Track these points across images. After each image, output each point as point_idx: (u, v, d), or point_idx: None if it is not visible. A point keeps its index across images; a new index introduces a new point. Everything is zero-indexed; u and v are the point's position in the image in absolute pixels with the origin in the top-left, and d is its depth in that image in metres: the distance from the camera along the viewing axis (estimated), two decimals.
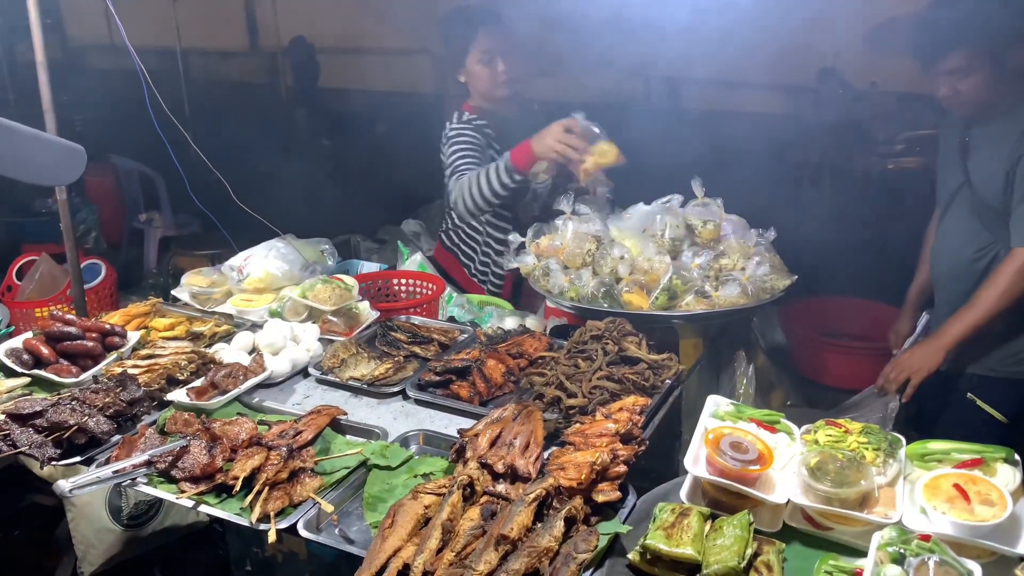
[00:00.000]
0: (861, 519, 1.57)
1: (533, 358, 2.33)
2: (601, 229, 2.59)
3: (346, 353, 2.33)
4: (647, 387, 2.10)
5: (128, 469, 1.83)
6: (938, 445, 1.71)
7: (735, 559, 1.47)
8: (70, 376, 2.22)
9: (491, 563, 1.49)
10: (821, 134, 5.69)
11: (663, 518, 1.59)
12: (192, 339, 2.48)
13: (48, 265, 3.41)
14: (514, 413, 1.93)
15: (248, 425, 1.97)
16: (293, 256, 2.80)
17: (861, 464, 1.65)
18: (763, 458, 1.70)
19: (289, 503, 1.76)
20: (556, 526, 1.56)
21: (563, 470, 1.72)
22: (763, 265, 2.41)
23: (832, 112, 5.61)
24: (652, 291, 2.38)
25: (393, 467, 1.88)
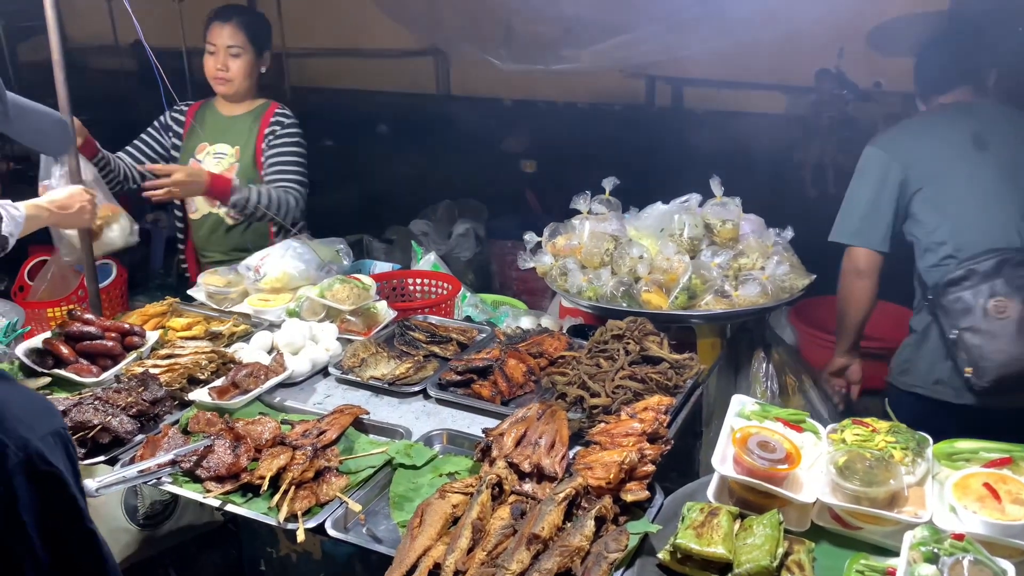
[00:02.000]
0: (891, 518, 1.57)
1: (553, 358, 2.33)
2: (618, 228, 2.59)
3: (366, 352, 2.33)
4: (670, 387, 2.10)
5: (153, 469, 1.83)
6: (966, 444, 1.72)
7: (767, 558, 1.48)
8: (90, 376, 2.22)
9: (523, 562, 1.49)
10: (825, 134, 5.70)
11: (692, 517, 1.59)
12: (211, 339, 2.47)
13: (59, 265, 3.39)
14: (538, 412, 1.93)
15: (271, 424, 1.96)
16: (309, 256, 2.80)
17: (890, 463, 1.66)
18: (791, 457, 1.70)
19: (316, 503, 1.76)
20: (587, 525, 1.57)
21: (591, 469, 1.72)
22: (782, 264, 2.42)
23: (836, 112, 5.63)
24: (671, 291, 2.39)
25: (418, 466, 1.88)
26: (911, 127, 2.65)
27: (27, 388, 1.26)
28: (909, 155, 2.49)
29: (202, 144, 3.18)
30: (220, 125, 3.21)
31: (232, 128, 3.20)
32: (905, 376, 2.58)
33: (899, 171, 2.48)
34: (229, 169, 3.13)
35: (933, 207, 2.46)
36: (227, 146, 3.18)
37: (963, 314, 2.33)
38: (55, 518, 1.14)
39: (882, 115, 5.64)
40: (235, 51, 3.08)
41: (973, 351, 2.31)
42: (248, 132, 3.19)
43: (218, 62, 3.09)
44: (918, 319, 2.58)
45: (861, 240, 2.54)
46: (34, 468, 1.10)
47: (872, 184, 2.52)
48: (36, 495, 1.11)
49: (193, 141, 3.21)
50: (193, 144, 3.21)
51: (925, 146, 2.51)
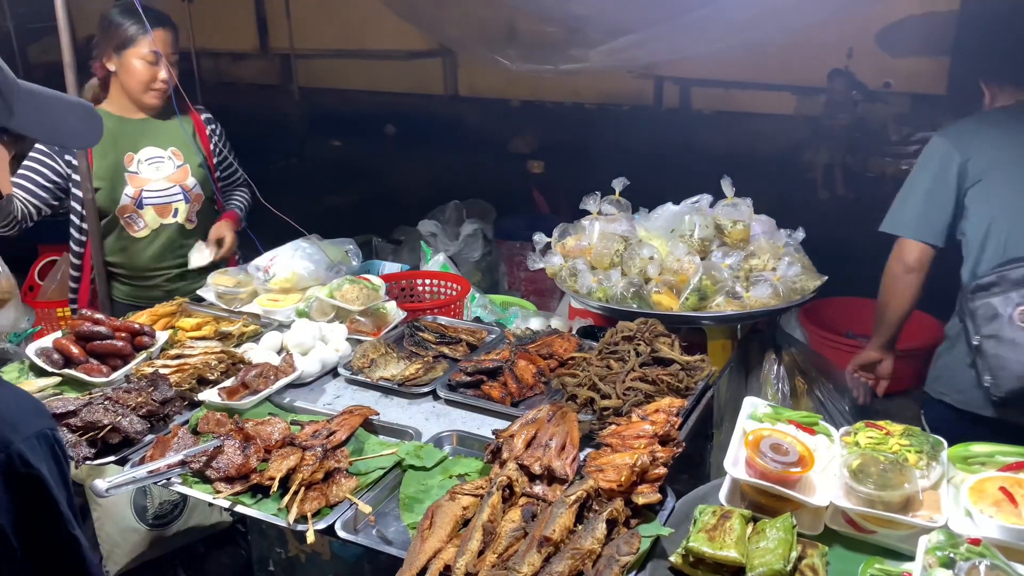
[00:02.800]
0: (906, 522, 1.56)
1: (563, 359, 2.32)
2: (628, 229, 2.58)
3: (375, 353, 2.32)
4: (681, 388, 2.09)
5: (163, 469, 1.82)
6: (981, 448, 1.70)
7: (780, 562, 1.46)
8: (100, 376, 2.22)
9: (535, 565, 1.48)
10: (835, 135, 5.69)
11: (704, 520, 1.58)
12: (220, 339, 2.47)
13: (69, 265, 3.41)
14: (548, 414, 1.92)
15: (281, 425, 1.96)
16: (319, 256, 2.79)
17: (904, 467, 1.64)
18: (804, 460, 1.69)
19: (326, 504, 1.75)
20: (598, 528, 1.56)
21: (602, 472, 1.71)
22: (794, 265, 2.40)
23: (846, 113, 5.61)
24: (682, 292, 2.38)
25: (428, 468, 1.87)
26: (981, 119, 2.49)
27: (16, 387, 1.23)
28: (970, 145, 2.36)
29: (128, 154, 2.90)
30: (134, 129, 2.93)
31: (150, 130, 2.95)
32: (936, 384, 2.50)
33: (959, 160, 2.36)
34: (180, 172, 2.96)
35: (985, 202, 2.35)
36: (157, 149, 2.94)
37: (988, 320, 2.24)
38: (35, 522, 1.11)
39: (891, 115, 5.62)
40: (174, 57, 2.88)
41: (992, 359, 2.23)
42: (179, 132, 2.99)
43: (162, 71, 2.83)
44: (951, 324, 2.49)
45: (915, 232, 2.42)
46: (13, 470, 1.07)
47: (931, 173, 2.40)
48: (15, 498, 1.08)
49: (116, 153, 2.90)
50: (118, 157, 2.90)
51: (989, 138, 2.38)
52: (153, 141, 2.95)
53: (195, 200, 3.01)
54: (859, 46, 5.30)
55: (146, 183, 2.92)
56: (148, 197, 2.93)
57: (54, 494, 1.12)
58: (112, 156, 2.89)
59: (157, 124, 2.97)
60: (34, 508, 1.11)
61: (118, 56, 2.83)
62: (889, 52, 5.26)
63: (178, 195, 2.97)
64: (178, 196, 2.97)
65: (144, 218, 2.95)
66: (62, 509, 1.14)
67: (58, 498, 1.13)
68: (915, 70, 5.32)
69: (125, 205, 2.92)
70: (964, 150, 2.36)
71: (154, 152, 2.94)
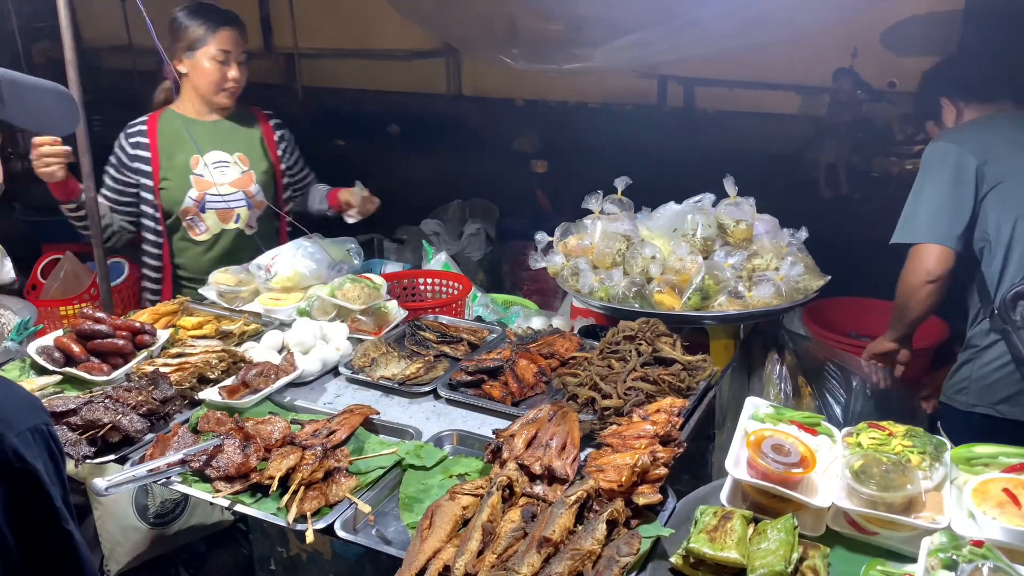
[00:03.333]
0: (908, 524, 1.55)
1: (565, 358, 2.31)
2: (630, 228, 2.57)
3: (376, 352, 2.32)
4: (683, 388, 2.08)
5: (163, 468, 1.82)
6: (985, 449, 1.69)
7: (781, 563, 1.45)
8: (101, 374, 2.22)
9: (534, 566, 1.47)
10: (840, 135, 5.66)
11: (705, 521, 1.57)
12: (221, 338, 2.47)
13: (72, 264, 3.42)
14: (549, 414, 1.91)
15: (281, 424, 1.96)
16: (320, 255, 2.79)
17: (907, 468, 1.63)
18: (806, 461, 1.68)
19: (325, 503, 1.75)
20: (598, 529, 1.55)
21: (602, 472, 1.70)
22: (797, 265, 2.39)
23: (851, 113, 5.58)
24: (684, 291, 2.37)
25: (428, 467, 1.86)
26: (979, 125, 2.50)
27: (11, 383, 1.22)
28: (984, 149, 2.35)
29: (195, 157, 2.95)
30: (203, 132, 2.97)
31: (219, 134, 2.99)
32: (963, 395, 2.45)
33: (975, 163, 2.34)
34: (245, 178, 2.99)
35: (1001, 210, 2.33)
36: (223, 153, 2.98)
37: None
38: (29, 517, 1.11)
39: (897, 115, 5.60)
40: (244, 58, 2.92)
41: None
42: (247, 138, 3.03)
43: (232, 70, 2.88)
44: (977, 332, 2.44)
45: (934, 236, 2.37)
46: (8, 465, 1.07)
47: (946, 178, 2.37)
48: (8, 493, 1.08)
49: (184, 155, 2.94)
50: (184, 159, 2.95)
51: (998, 143, 2.37)
52: (220, 145, 2.98)
53: (257, 206, 3.05)
54: (864, 45, 5.27)
55: (210, 187, 2.95)
56: (211, 201, 2.97)
57: (48, 489, 1.12)
58: (179, 157, 2.94)
59: (226, 128, 3.01)
60: (28, 503, 1.10)
61: (188, 57, 2.87)
62: (894, 51, 5.23)
63: (241, 201, 3.01)
64: (241, 202, 3.01)
65: (205, 222, 3.00)
66: (56, 504, 1.13)
67: (52, 493, 1.13)
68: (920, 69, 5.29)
69: (188, 207, 2.97)
70: (978, 154, 2.34)
71: (220, 156, 2.98)
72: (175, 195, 2.95)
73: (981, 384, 2.40)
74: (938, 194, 2.38)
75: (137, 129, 2.99)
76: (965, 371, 2.46)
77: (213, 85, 2.90)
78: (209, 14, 2.85)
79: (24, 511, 1.10)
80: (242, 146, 3.02)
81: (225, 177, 2.97)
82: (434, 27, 4.94)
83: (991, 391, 2.38)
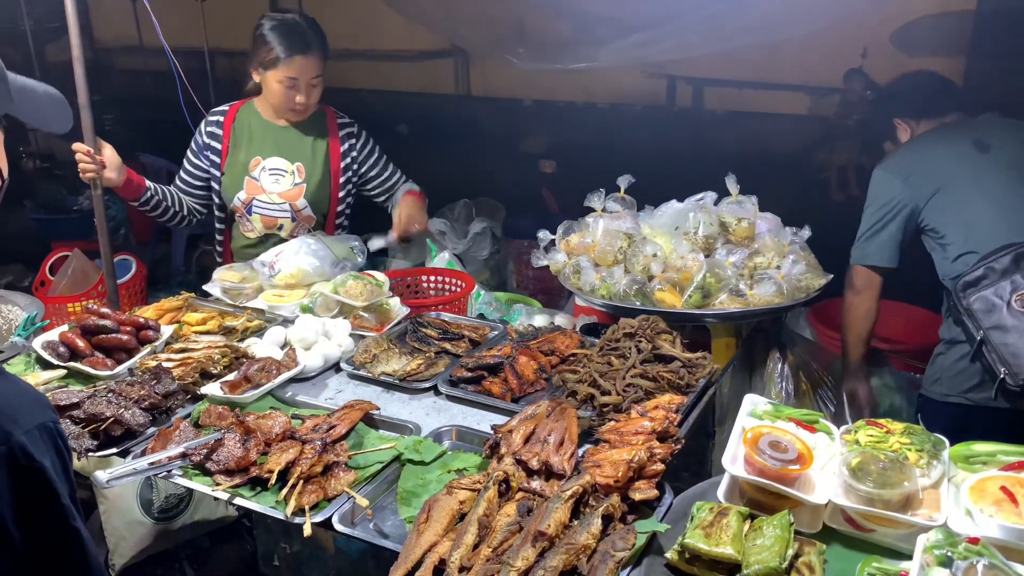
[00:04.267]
0: (905, 521, 1.54)
1: (565, 355, 2.32)
2: (632, 226, 2.57)
3: (378, 348, 2.33)
4: (682, 385, 2.08)
5: (164, 461, 1.84)
6: (983, 447, 1.68)
7: (776, 559, 1.45)
8: (105, 369, 2.24)
9: (528, 560, 1.48)
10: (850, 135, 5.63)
11: (701, 517, 1.57)
12: (224, 334, 2.49)
13: (80, 261, 3.44)
14: (548, 410, 1.92)
15: (282, 419, 1.97)
16: (324, 253, 2.80)
17: (904, 465, 1.62)
18: (803, 458, 1.68)
19: (324, 497, 1.76)
20: (594, 523, 1.55)
21: (599, 467, 1.70)
22: (799, 264, 2.38)
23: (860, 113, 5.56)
24: (685, 289, 2.36)
25: (427, 462, 1.87)
26: (913, 147, 2.68)
27: (18, 380, 1.23)
28: (912, 170, 2.53)
29: (256, 158, 2.99)
30: (271, 135, 3.01)
31: (286, 140, 3.01)
32: (937, 386, 2.54)
33: (899, 184, 2.53)
34: (295, 190, 2.99)
35: (945, 215, 2.48)
36: (284, 161, 2.99)
37: (987, 313, 2.30)
38: (36, 514, 1.11)
39: None
40: (316, 80, 2.90)
41: (1003, 349, 2.27)
42: (311, 149, 3.01)
43: (299, 95, 2.87)
44: (945, 327, 2.55)
45: (866, 259, 2.61)
46: (15, 462, 1.08)
47: (875, 203, 2.58)
48: (16, 490, 1.08)
49: (247, 153, 3.00)
50: (246, 158, 3.00)
51: (929, 160, 2.55)
52: (284, 152, 3.00)
53: (303, 220, 3.05)
54: (874, 46, 5.24)
55: (259, 192, 3.00)
56: (257, 206, 3.02)
57: (55, 486, 1.12)
58: (243, 156, 3.00)
59: (294, 135, 3.02)
60: (35, 500, 1.11)
61: (262, 72, 2.91)
62: (905, 52, 5.21)
63: (286, 212, 3.03)
64: (286, 213, 3.03)
65: (252, 223, 3.05)
66: (63, 502, 1.14)
67: (59, 490, 1.13)
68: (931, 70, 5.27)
69: (236, 206, 3.04)
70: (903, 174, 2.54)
71: (280, 163, 3.00)
72: (229, 191, 3.03)
73: (952, 374, 2.49)
74: (869, 219, 2.60)
75: (216, 119, 3.05)
76: (939, 362, 2.56)
77: (280, 106, 2.94)
78: (288, 36, 2.82)
79: (31, 508, 1.11)
80: (304, 156, 3.01)
81: (277, 187, 3.00)
82: (440, 28, 4.96)
83: (961, 380, 2.46)
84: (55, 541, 1.15)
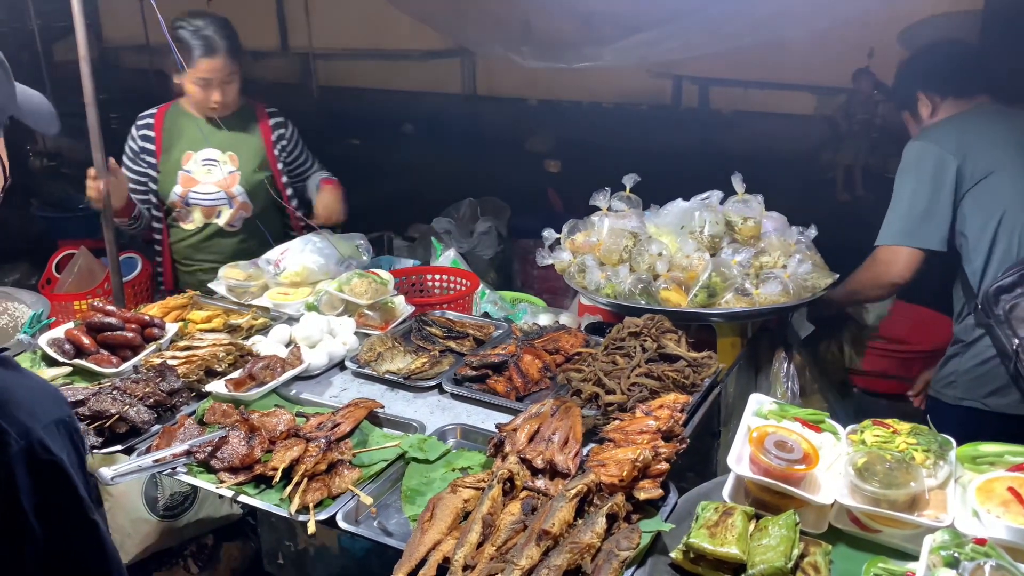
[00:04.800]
0: (911, 522, 1.53)
1: (570, 354, 2.31)
2: (638, 225, 2.56)
3: (382, 347, 2.33)
4: (687, 385, 2.07)
5: (168, 458, 1.84)
6: (990, 447, 1.67)
7: (781, 559, 1.45)
8: (110, 366, 2.24)
9: (532, 558, 1.47)
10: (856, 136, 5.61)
11: (706, 517, 1.57)
12: (229, 331, 2.49)
13: (86, 259, 3.46)
14: (552, 408, 1.91)
15: (286, 417, 1.97)
16: (329, 251, 2.80)
17: (911, 465, 1.61)
18: (808, 458, 1.67)
19: (328, 495, 1.76)
20: (598, 522, 1.55)
21: (604, 466, 1.70)
22: (805, 263, 2.37)
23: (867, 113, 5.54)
24: (691, 288, 2.36)
25: (431, 460, 1.87)
26: (958, 121, 2.48)
27: (34, 375, 1.25)
28: (963, 147, 2.35)
29: (187, 153, 3.08)
30: (201, 131, 3.08)
31: (215, 134, 3.07)
32: (951, 389, 2.47)
33: (955, 163, 2.34)
34: (229, 179, 3.07)
35: (983, 206, 2.33)
36: (216, 151, 3.07)
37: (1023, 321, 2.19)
38: (56, 507, 1.13)
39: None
40: (229, 78, 2.96)
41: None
42: (243, 140, 3.10)
43: (215, 93, 2.95)
44: (963, 328, 2.46)
45: (910, 240, 2.39)
46: (35, 457, 1.09)
47: (926, 179, 2.37)
48: (37, 484, 1.10)
49: (179, 150, 3.08)
50: (178, 154, 3.08)
51: (976, 140, 2.37)
52: (215, 144, 3.08)
53: (239, 208, 3.12)
54: (880, 46, 5.23)
55: (195, 184, 3.07)
56: (194, 197, 3.09)
57: (73, 480, 1.14)
58: (175, 152, 3.07)
59: (225, 129, 3.08)
60: (55, 493, 1.12)
61: (179, 75, 2.97)
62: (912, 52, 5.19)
63: (223, 200, 3.10)
64: (223, 201, 3.10)
65: (192, 215, 3.12)
66: (81, 494, 1.15)
67: (77, 484, 1.15)
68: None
69: (174, 201, 3.11)
70: (958, 153, 2.35)
71: (212, 154, 3.08)
72: (165, 188, 3.10)
73: (969, 378, 2.42)
74: (918, 197, 2.39)
75: (145, 122, 3.12)
76: (953, 365, 2.48)
77: (199, 105, 3.03)
78: (196, 40, 2.88)
79: (52, 501, 1.12)
80: (236, 146, 3.10)
81: (211, 176, 3.07)
82: (446, 27, 4.95)
83: (978, 384, 2.39)
84: (75, 533, 1.16)
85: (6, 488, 1.07)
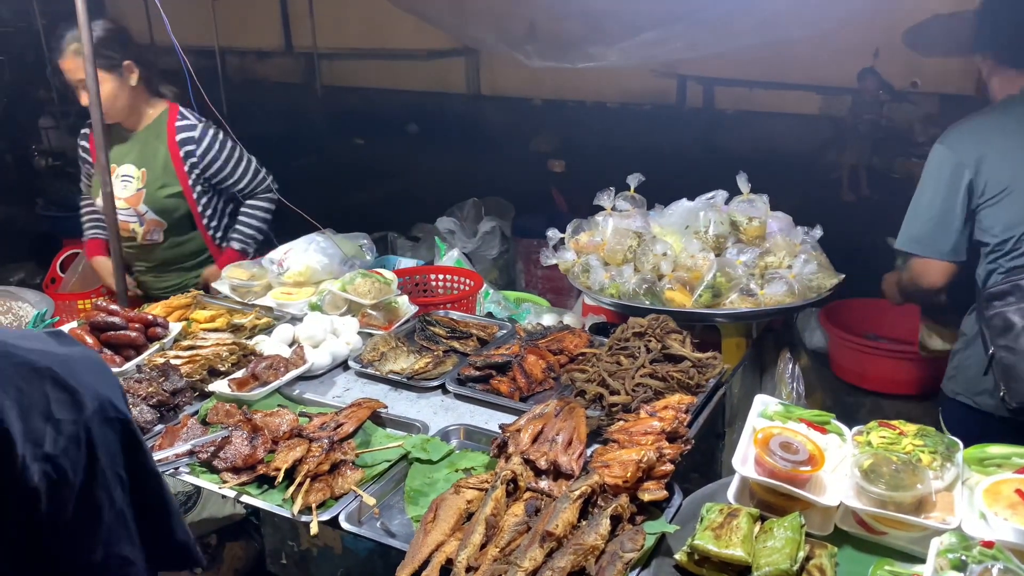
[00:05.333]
0: (918, 524, 1.52)
1: (574, 355, 2.30)
2: (642, 225, 2.55)
3: (386, 347, 2.32)
4: (691, 385, 2.06)
5: (171, 458, 1.84)
6: (998, 449, 1.66)
7: (787, 561, 1.44)
8: (113, 365, 2.24)
9: (536, 560, 1.46)
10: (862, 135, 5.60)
11: (711, 518, 1.56)
12: (233, 331, 2.49)
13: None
14: (556, 409, 1.90)
15: (289, 417, 1.97)
16: (333, 250, 2.80)
17: (917, 467, 1.60)
18: (814, 459, 1.66)
19: (331, 495, 1.75)
20: (602, 524, 1.54)
21: (608, 468, 1.69)
22: (810, 263, 2.36)
23: (872, 113, 5.53)
24: (695, 288, 2.35)
25: (434, 461, 1.86)
26: (979, 127, 2.33)
27: (84, 346, 1.33)
28: (978, 161, 2.24)
29: (113, 166, 2.95)
30: (122, 143, 2.99)
31: (132, 147, 2.99)
32: (951, 383, 2.45)
33: (969, 176, 2.23)
34: (135, 196, 2.97)
35: (1001, 213, 2.24)
36: (132, 167, 2.97)
37: (1001, 332, 2.16)
38: (126, 460, 1.21)
39: (919, 116, 5.53)
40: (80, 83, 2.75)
41: (1007, 371, 2.15)
42: (152, 152, 2.96)
43: (82, 99, 2.77)
44: (968, 322, 2.42)
45: (936, 252, 2.31)
46: (107, 414, 1.17)
47: (941, 189, 2.28)
48: (113, 436, 1.18)
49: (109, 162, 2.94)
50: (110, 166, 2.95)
51: (992, 154, 2.24)
52: (132, 158, 2.99)
53: (151, 224, 3.02)
54: (885, 45, 5.21)
55: (116, 199, 2.93)
56: (118, 212, 2.94)
57: (138, 435, 1.23)
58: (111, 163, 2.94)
59: (138, 141, 3.00)
60: (129, 445, 1.21)
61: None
62: (916, 51, 5.17)
63: (133, 217, 3.02)
64: (133, 218, 3.02)
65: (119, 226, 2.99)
66: (145, 448, 1.25)
67: (141, 438, 1.24)
68: (943, 69, 5.23)
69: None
70: (975, 165, 2.23)
71: (129, 170, 2.99)
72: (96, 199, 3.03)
73: (966, 374, 2.39)
74: (934, 206, 2.31)
75: (85, 131, 3.08)
76: (956, 359, 2.44)
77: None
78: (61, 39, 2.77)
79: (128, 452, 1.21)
80: (146, 160, 2.97)
81: (125, 192, 2.98)
82: (451, 27, 4.96)
83: (973, 382, 2.36)
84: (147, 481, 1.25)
85: (87, 445, 1.14)
